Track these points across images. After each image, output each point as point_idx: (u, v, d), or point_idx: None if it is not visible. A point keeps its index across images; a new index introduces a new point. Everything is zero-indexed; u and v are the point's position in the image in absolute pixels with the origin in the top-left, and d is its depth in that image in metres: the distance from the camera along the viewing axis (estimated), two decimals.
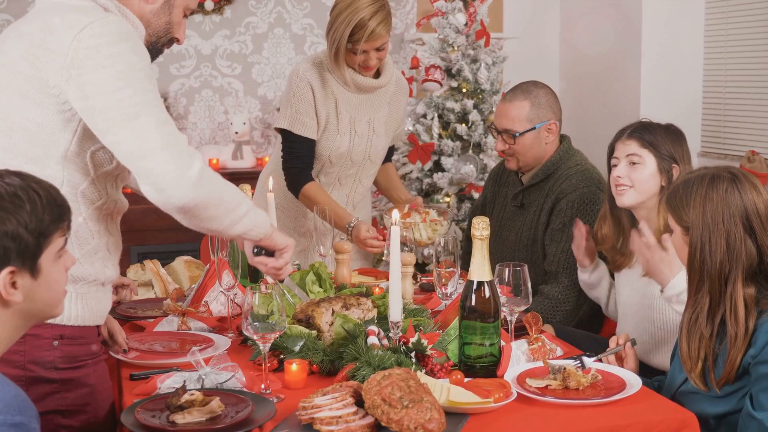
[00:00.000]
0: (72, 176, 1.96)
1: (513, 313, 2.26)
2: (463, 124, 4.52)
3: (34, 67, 1.90)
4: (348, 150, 3.25)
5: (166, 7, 2.11)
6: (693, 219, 2.07)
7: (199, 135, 5.36)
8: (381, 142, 3.32)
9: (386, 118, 3.33)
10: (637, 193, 2.59)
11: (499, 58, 4.61)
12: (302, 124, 3.18)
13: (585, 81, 5.40)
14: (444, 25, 4.58)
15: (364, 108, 3.27)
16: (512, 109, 3.10)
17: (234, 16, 5.31)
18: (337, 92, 3.21)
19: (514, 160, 3.14)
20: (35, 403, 1.94)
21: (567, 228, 3.00)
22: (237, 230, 2.08)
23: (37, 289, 1.61)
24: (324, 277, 2.69)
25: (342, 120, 3.22)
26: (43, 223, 1.58)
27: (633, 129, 2.63)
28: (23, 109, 1.91)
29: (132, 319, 2.61)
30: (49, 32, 1.91)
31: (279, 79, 5.41)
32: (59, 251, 1.64)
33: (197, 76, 5.32)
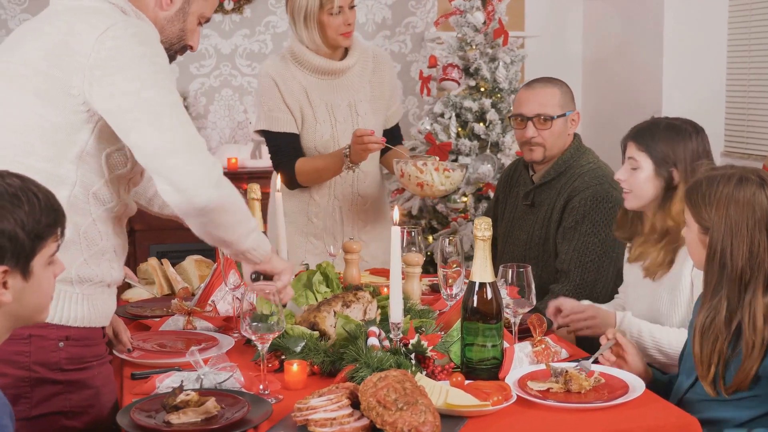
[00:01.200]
0: (85, 177, 1.97)
1: (517, 315, 2.23)
2: (481, 124, 4.49)
3: (55, 68, 1.91)
4: (333, 138, 3.23)
5: (181, 15, 2.12)
6: (714, 220, 2.01)
7: (218, 134, 5.37)
8: (369, 123, 3.27)
9: (370, 98, 3.29)
10: (635, 197, 2.54)
11: (517, 57, 4.57)
12: (276, 120, 3.19)
13: (607, 79, 5.34)
14: (462, 24, 4.55)
15: (340, 92, 3.24)
16: (544, 95, 3.07)
17: (254, 15, 5.32)
18: (305, 82, 3.20)
19: (540, 150, 3.07)
20: (39, 404, 1.97)
21: (579, 226, 2.97)
22: (246, 244, 2.06)
23: (27, 291, 1.61)
24: (331, 277, 2.67)
25: (317, 109, 3.21)
26: (40, 226, 1.59)
27: (635, 130, 2.57)
28: (40, 108, 1.92)
29: (138, 318, 2.62)
30: (70, 34, 1.92)
31: None
32: (51, 256, 1.64)
33: (217, 75, 5.33)
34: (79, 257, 1.98)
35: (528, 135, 3.07)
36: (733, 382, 1.97)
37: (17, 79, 1.95)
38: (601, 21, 5.41)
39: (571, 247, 2.97)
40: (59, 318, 1.96)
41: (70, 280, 1.97)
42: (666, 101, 4.74)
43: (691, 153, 2.50)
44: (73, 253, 1.97)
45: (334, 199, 3.32)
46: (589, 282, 2.92)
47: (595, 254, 2.96)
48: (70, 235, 1.95)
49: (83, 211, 1.98)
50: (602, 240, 2.95)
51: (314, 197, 3.31)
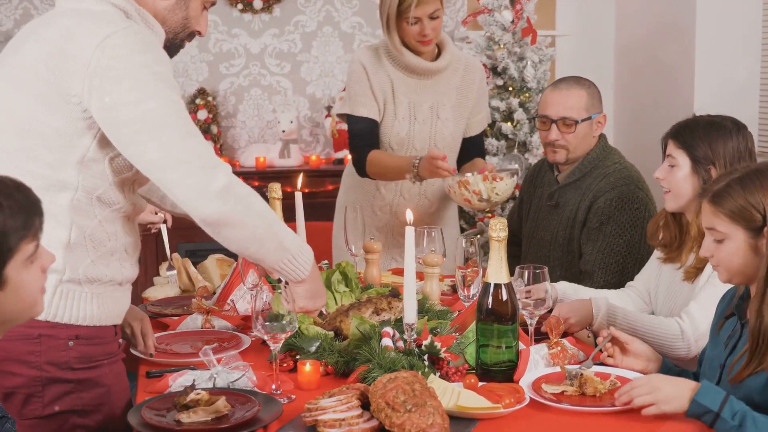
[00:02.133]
0: (87, 181, 1.94)
1: (533, 317, 2.21)
2: (508, 123, 4.46)
3: (54, 74, 1.88)
4: (408, 136, 3.23)
5: (182, 3, 2.07)
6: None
7: (247, 133, 5.39)
8: (448, 129, 3.26)
9: (454, 103, 3.27)
10: (674, 197, 2.47)
11: (546, 56, 4.53)
12: (361, 104, 3.20)
13: (640, 78, 5.28)
14: (490, 23, 4.53)
15: (425, 93, 3.24)
16: (570, 97, 3.02)
17: (283, 14, 5.33)
18: (393, 76, 3.21)
19: (563, 152, 3.04)
20: (52, 402, 1.97)
21: (604, 227, 2.93)
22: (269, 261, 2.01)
23: (5, 298, 1.53)
24: (350, 277, 2.67)
25: (399, 105, 3.21)
26: (6, 236, 1.49)
27: (675, 127, 2.51)
28: (41, 113, 1.90)
29: (157, 317, 2.63)
30: (69, 39, 1.89)
31: (328, 78, 5.41)
32: (30, 257, 1.54)
33: (246, 74, 5.34)
34: (85, 259, 1.97)
35: (551, 138, 3.03)
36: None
37: (19, 83, 1.93)
38: (632, 18, 5.35)
39: (596, 248, 2.94)
40: (68, 317, 1.96)
41: (78, 281, 1.96)
42: (698, 98, 4.68)
43: (731, 151, 2.43)
44: (80, 255, 1.96)
45: (400, 196, 3.32)
46: (612, 284, 2.88)
47: (619, 255, 2.92)
48: (76, 237, 1.94)
49: (87, 213, 1.96)
50: (627, 241, 2.91)
51: (381, 191, 3.32)
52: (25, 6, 5.08)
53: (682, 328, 2.40)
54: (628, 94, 5.40)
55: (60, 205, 1.93)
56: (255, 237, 1.96)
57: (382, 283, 2.84)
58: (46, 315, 1.94)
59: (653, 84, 5.12)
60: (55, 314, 1.95)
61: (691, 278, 2.46)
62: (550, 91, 3.10)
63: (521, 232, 3.33)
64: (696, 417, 1.86)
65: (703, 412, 1.84)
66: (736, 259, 1.97)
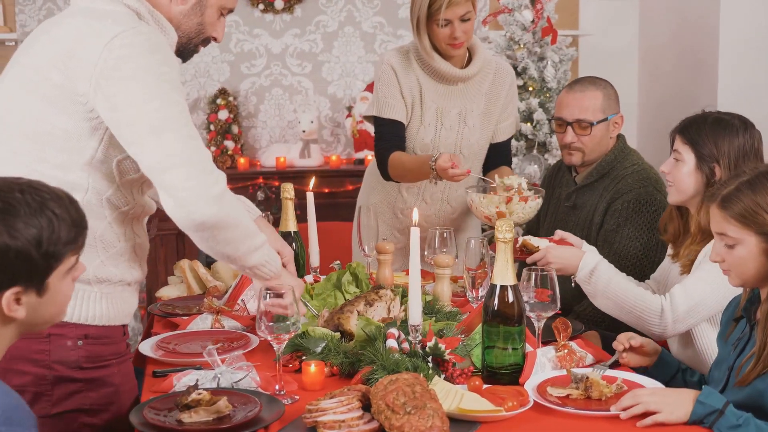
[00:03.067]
0: (97, 183, 1.96)
1: (540, 319, 2.19)
2: (528, 124, 4.43)
3: (62, 74, 1.89)
4: (433, 142, 3.18)
5: (198, 8, 2.09)
6: None
7: (268, 133, 5.40)
8: (475, 135, 3.22)
9: (483, 110, 3.22)
10: (677, 191, 2.50)
11: (566, 56, 4.50)
12: (389, 106, 3.14)
13: (664, 78, 5.23)
14: (510, 23, 4.50)
15: (454, 99, 3.18)
16: (586, 99, 2.99)
17: (304, 14, 5.33)
18: (422, 80, 3.15)
19: (579, 155, 3.02)
20: (60, 401, 1.99)
21: (621, 229, 2.90)
22: (252, 260, 2.07)
23: (42, 305, 1.57)
24: (361, 278, 2.66)
25: (427, 110, 3.16)
26: (57, 245, 1.54)
27: (683, 122, 2.51)
28: (50, 115, 1.91)
29: (168, 316, 2.63)
30: (78, 39, 1.90)
31: (349, 78, 5.41)
32: (70, 268, 1.60)
33: (267, 74, 5.35)
34: (95, 259, 1.99)
35: (567, 140, 3.01)
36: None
37: (29, 84, 1.94)
38: (656, 16, 5.29)
39: (612, 250, 2.91)
40: (77, 317, 1.97)
41: (87, 281, 1.98)
42: (721, 96, 4.62)
43: (736, 149, 2.43)
44: (90, 255, 1.96)
45: (421, 201, 3.27)
46: None
47: (636, 258, 2.89)
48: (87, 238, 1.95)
49: (98, 215, 1.97)
50: (644, 244, 2.88)
51: (403, 194, 3.28)
52: (48, 7, 5.12)
53: (663, 307, 2.43)
54: (652, 94, 5.35)
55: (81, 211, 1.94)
56: (248, 234, 2.01)
57: (395, 283, 2.82)
58: None
59: (677, 83, 5.07)
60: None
61: (687, 271, 2.48)
62: (565, 93, 3.07)
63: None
64: (699, 420, 1.83)
65: (707, 413, 1.82)
66: (749, 264, 1.95)
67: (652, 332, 2.46)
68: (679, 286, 2.44)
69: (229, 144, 5.14)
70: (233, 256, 2.03)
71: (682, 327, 2.43)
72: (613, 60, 5.43)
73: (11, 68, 2.02)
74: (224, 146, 5.14)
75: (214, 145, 5.15)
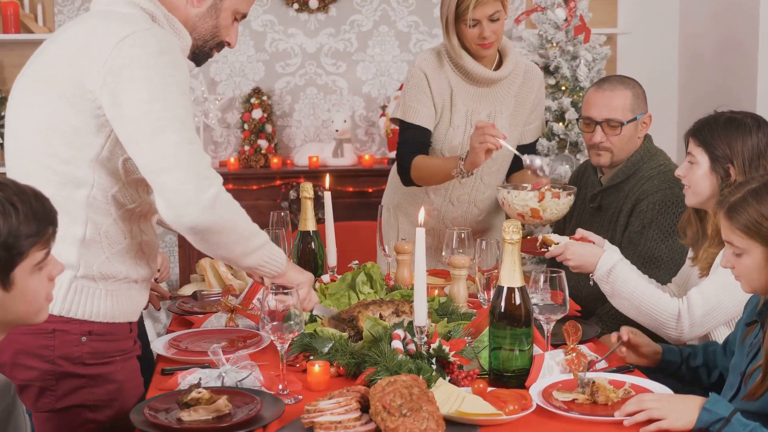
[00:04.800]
0: (102, 180, 1.98)
1: (550, 322, 2.15)
2: (560, 123, 4.38)
3: (74, 71, 1.93)
4: (461, 144, 3.14)
5: (213, 11, 2.12)
6: None
7: (303, 132, 5.41)
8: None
9: (512, 112, 3.20)
10: (693, 194, 2.47)
11: (600, 55, 4.44)
12: (414, 111, 3.11)
13: (704, 75, 5.13)
14: (543, 21, 4.45)
15: (485, 101, 3.15)
16: (615, 98, 2.93)
17: (339, 14, 5.33)
18: (454, 82, 3.12)
19: (608, 155, 2.97)
20: (64, 396, 2.01)
21: (646, 231, 2.85)
22: (249, 262, 2.07)
23: (9, 300, 1.59)
24: (375, 278, 2.65)
25: (457, 113, 3.13)
26: (17, 240, 1.55)
27: (696, 124, 2.47)
28: (61, 111, 1.94)
29: (184, 314, 2.65)
30: (92, 38, 1.94)
31: (384, 77, 5.40)
32: (39, 263, 1.61)
33: (302, 74, 5.36)
34: (100, 255, 2.00)
35: (596, 140, 2.95)
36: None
37: (43, 81, 1.98)
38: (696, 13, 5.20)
39: (637, 252, 2.85)
40: (82, 313, 1.99)
41: (92, 277, 2.00)
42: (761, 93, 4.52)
43: (750, 149, 2.39)
44: (95, 251, 1.99)
45: (448, 202, 3.25)
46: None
47: (661, 261, 2.84)
48: (91, 234, 1.98)
49: (103, 211, 1.99)
50: (669, 247, 2.83)
51: (430, 195, 3.26)
52: (86, 7, 5.18)
53: (680, 310, 2.40)
54: (693, 92, 5.26)
55: (76, 201, 1.96)
56: (242, 238, 2.00)
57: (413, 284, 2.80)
58: (60, 310, 1.98)
59: (718, 81, 4.97)
60: (68, 309, 1.99)
61: (706, 274, 2.44)
62: (593, 92, 3.01)
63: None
64: (705, 427, 1.79)
65: (713, 421, 1.78)
66: (756, 273, 1.93)
67: (668, 335, 2.42)
68: (696, 290, 2.40)
69: (262, 143, 5.16)
70: (227, 258, 2.04)
71: (699, 331, 2.39)
72: (652, 59, 5.35)
73: (29, 66, 2.07)
74: (258, 145, 5.16)
75: (248, 144, 5.18)
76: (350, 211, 4.88)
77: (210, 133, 5.33)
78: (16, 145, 2.03)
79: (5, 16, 4.86)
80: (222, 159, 5.30)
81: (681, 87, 5.40)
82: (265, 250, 2.07)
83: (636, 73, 5.33)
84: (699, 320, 2.36)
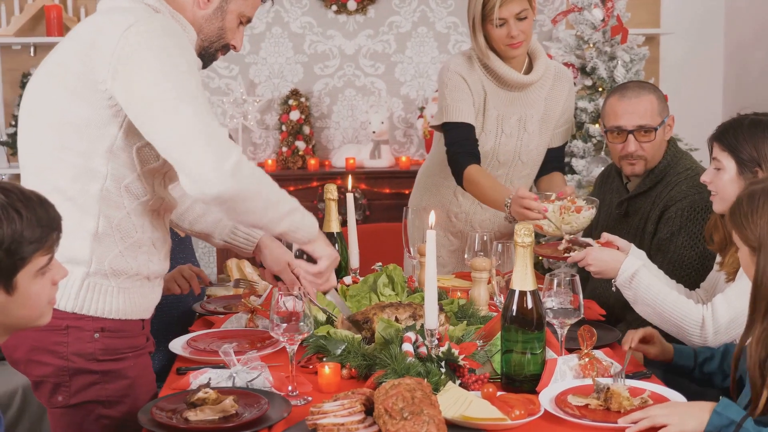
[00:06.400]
0: (116, 170, 2.01)
1: (564, 326, 2.12)
2: (596, 125, 4.32)
3: (84, 65, 1.97)
4: (493, 149, 3.12)
5: (219, 13, 2.15)
6: (761, 238, 1.84)
7: (341, 134, 5.43)
8: (534, 141, 3.16)
9: (542, 116, 3.16)
10: (721, 200, 2.40)
11: (638, 56, 4.37)
12: (458, 110, 3.05)
13: (751, 77, 5.04)
14: (580, 21, 4.40)
15: (515, 106, 3.12)
16: (642, 104, 2.85)
17: (377, 15, 5.34)
18: (487, 87, 3.09)
19: (642, 163, 2.88)
20: (78, 392, 2.04)
21: (675, 237, 2.79)
22: (280, 228, 2.10)
23: (12, 304, 1.61)
24: (397, 281, 2.64)
25: (488, 118, 3.10)
26: (21, 244, 1.57)
27: (719, 128, 2.41)
28: (72, 104, 1.98)
29: (205, 314, 2.67)
30: (99, 32, 1.99)
31: (422, 78, 5.39)
32: (42, 268, 1.63)
33: (341, 75, 5.38)
34: (113, 249, 2.03)
35: (631, 149, 2.85)
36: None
37: (54, 77, 2.02)
38: (743, 13, 5.11)
39: (666, 259, 2.79)
40: (94, 310, 2.02)
41: (104, 273, 2.02)
42: None
43: None
44: (108, 245, 2.02)
45: (477, 205, 3.21)
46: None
47: (691, 268, 2.78)
48: (104, 228, 2.01)
49: (116, 204, 2.02)
50: (699, 254, 2.76)
51: (458, 198, 3.25)
52: None
53: (704, 317, 2.35)
54: (738, 94, 5.16)
55: (90, 194, 2.00)
56: (270, 203, 2.03)
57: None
58: (74, 307, 2.01)
59: (765, 81, 4.87)
60: (81, 306, 2.02)
61: (733, 279, 2.39)
62: (617, 101, 2.90)
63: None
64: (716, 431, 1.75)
65: (724, 425, 1.74)
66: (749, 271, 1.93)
67: (692, 343, 2.37)
68: (721, 296, 2.35)
69: (300, 144, 5.19)
70: (258, 224, 2.07)
71: (724, 338, 2.34)
72: (697, 59, 5.27)
73: (42, 66, 2.12)
74: (295, 147, 5.18)
75: (286, 145, 5.20)
76: (386, 212, 4.89)
77: (249, 135, 5.37)
78: (29, 140, 2.07)
79: (49, 19, 4.95)
80: (260, 160, 5.34)
81: (726, 88, 5.30)
82: (296, 216, 2.10)
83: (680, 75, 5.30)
84: (724, 327, 2.31)
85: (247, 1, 2.17)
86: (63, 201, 1.96)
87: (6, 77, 5.22)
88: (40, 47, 5.12)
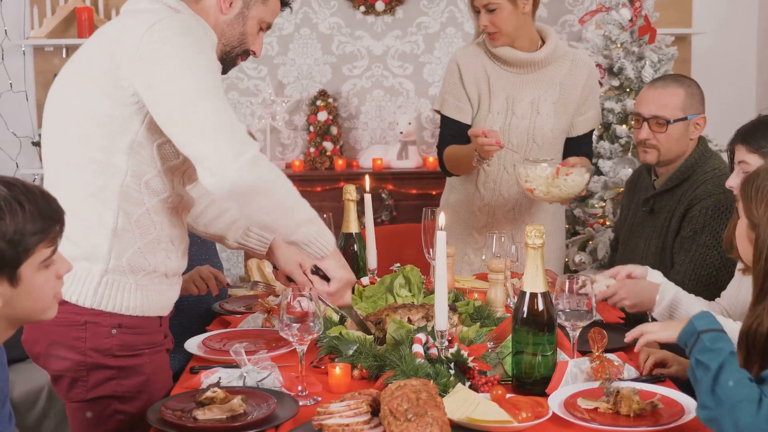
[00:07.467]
0: (137, 166, 2.04)
1: (576, 329, 2.11)
2: (623, 125, 4.28)
3: (109, 62, 2.01)
4: (503, 130, 3.16)
5: (240, 18, 2.19)
6: (761, 217, 1.82)
7: (369, 135, 5.43)
8: (549, 124, 3.19)
9: (557, 99, 3.19)
10: None
11: (666, 56, 4.32)
12: (448, 103, 3.23)
13: None
14: (608, 21, 4.36)
15: (525, 87, 3.18)
16: (665, 95, 2.88)
17: (406, 16, 5.34)
18: (490, 70, 3.19)
19: (654, 152, 2.90)
20: (94, 387, 2.07)
21: (698, 236, 2.77)
22: (295, 237, 2.10)
23: (17, 296, 1.64)
24: (413, 281, 2.64)
25: (495, 99, 3.18)
26: (24, 236, 1.60)
27: (742, 131, 2.38)
28: (96, 100, 2.02)
29: (221, 314, 2.68)
30: (123, 31, 2.04)
31: None
32: (45, 261, 1.66)
33: (369, 76, 5.39)
34: (132, 245, 2.06)
35: (642, 136, 2.91)
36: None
37: (80, 75, 2.07)
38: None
39: (688, 258, 2.78)
40: (112, 306, 2.05)
41: (122, 270, 2.05)
42: None
43: None
44: (127, 241, 2.05)
45: (499, 195, 3.26)
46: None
47: (713, 267, 2.76)
48: (123, 223, 2.04)
49: (136, 200, 2.05)
50: (722, 253, 2.74)
51: (480, 191, 3.28)
52: None
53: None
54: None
55: (111, 190, 2.04)
56: (286, 207, 2.04)
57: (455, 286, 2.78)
58: (92, 303, 2.05)
59: None
60: (99, 302, 2.05)
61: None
62: (646, 89, 2.98)
63: (618, 237, 3.21)
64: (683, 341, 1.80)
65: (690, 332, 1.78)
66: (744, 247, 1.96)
67: None
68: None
69: (327, 145, 5.20)
70: (273, 226, 2.08)
71: None
72: (729, 59, 5.20)
73: (67, 66, 2.16)
74: (323, 147, 5.20)
75: (313, 146, 5.22)
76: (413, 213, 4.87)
77: (277, 135, 5.39)
78: (53, 137, 2.12)
79: (80, 21, 5.01)
80: (288, 161, 5.36)
81: (759, 89, 5.23)
82: (312, 228, 2.10)
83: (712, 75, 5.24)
84: None
85: (267, 7, 2.20)
86: (85, 197, 2.01)
87: (38, 79, 5.29)
88: (71, 49, 5.18)
